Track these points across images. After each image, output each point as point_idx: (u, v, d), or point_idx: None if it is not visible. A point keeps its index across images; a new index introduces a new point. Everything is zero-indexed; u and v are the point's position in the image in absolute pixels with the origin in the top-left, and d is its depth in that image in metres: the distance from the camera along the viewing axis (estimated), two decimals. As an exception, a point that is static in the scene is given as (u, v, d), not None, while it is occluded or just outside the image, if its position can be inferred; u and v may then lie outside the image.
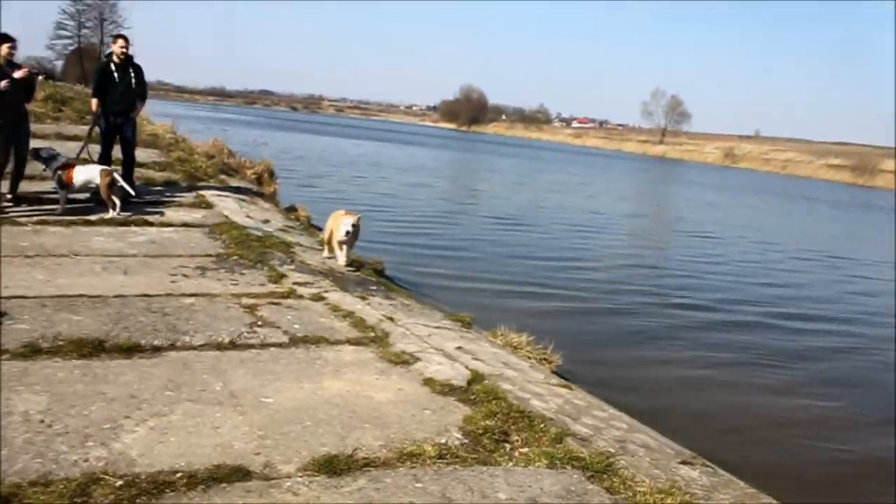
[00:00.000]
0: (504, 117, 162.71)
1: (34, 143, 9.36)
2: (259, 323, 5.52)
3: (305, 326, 5.57)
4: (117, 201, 8.84)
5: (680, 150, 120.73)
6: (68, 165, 8.79)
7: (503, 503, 3.28)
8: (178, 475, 3.22)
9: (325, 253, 8.44)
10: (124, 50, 9.73)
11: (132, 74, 9.75)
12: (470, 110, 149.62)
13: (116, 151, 10.13)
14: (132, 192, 9.35)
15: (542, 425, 4.21)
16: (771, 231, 26.91)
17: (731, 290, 14.01)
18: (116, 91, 9.66)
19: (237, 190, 12.07)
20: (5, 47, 8.52)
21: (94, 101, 9.76)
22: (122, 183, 9.02)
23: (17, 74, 8.41)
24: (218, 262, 7.33)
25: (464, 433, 3.99)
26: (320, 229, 11.74)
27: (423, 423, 4.06)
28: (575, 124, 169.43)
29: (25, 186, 9.23)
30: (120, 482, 3.11)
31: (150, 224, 8.69)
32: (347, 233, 7.80)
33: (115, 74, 9.63)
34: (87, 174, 8.81)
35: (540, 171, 48.66)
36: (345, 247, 8.03)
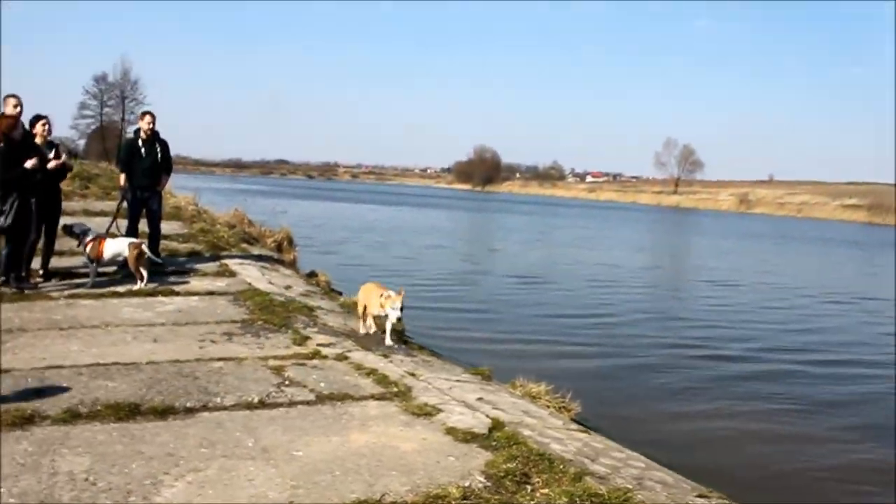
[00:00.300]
0: (518, 175, 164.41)
1: (63, 220, 9.78)
2: (286, 383, 5.74)
3: (331, 384, 5.78)
4: (145, 273, 9.17)
5: (694, 199, 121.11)
6: (98, 239, 9.16)
7: (526, 539, 3.44)
8: (218, 524, 3.41)
9: (363, 329, 8.10)
10: (151, 126, 10.20)
11: (158, 149, 10.20)
12: (484, 170, 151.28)
13: (142, 225, 10.52)
14: (160, 262, 9.70)
15: (561, 466, 4.36)
16: (791, 276, 26.86)
17: (754, 339, 13.98)
18: (143, 165, 10.09)
19: (258, 258, 12.40)
20: (39, 126, 9.01)
21: (122, 177, 10.20)
22: (149, 254, 9.38)
23: (51, 165, 8.84)
24: (244, 328, 7.58)
25: (486, 476, 4.15)
26: (341, 293, 12.04)
27: (447, 469, 4.22)
28: (589, 179, 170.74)
29: (56, 262, 9.62)
30: (164, 531, 3.30)
31: (177, 293, 8.99)
32: (399, 318, 7.55)
33: (142, 150, 10.09)
34: (117, 247, 9.17)
35: (556, 227, 48.97)
36: (390, 324, 7.69)
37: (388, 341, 7.62)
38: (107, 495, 3.69)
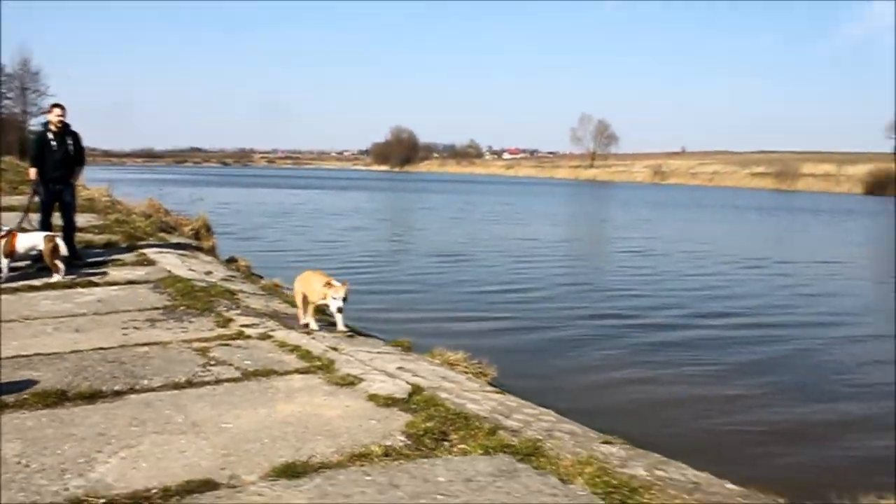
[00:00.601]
0: (436, 155, 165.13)
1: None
2: (212, 362, 5.91)
3: (256, 362, 5.98)
4: (61, 265, 9.09)
5: (610, 172, 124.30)
6: (10, 234, 9.03)
7: (443, 484, 3.77)
8: (154, 492, 3.62)
9: (304, 319, 7.52)
10: (61, 118, 10.05)
11: (70, 141, 10.06)
12: (401, 151, 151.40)
13: (55, 218, 10.38)
14: (76, 255, 9.62)
15: (476, 423, 4.72)
16: (706, 243, 28.03)
17: (672, 307, 14.48)
18: (55, 158, 9.95)
19: (177, 246, 12.37)
20: None
21: (33, 171, 10.03)
22: (64, 247, 9.29)
23: None
24: (166, 314, 7.67)
25: (407, 436, 4.47)
26: (262, 277, 12.14)
27: (369, 431, 4.52)
28: (506, 156, 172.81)
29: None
30: (102, 500, 3.49)
31: (96, 284, 8.97)
32: (340, 309, 7.16)
33: (53, 142, 9.94)
34: (30, 241, 9.07)
35: (475, 204, 49.58)
36: (340, 314, 7.27)
37: (341, 326, 7.33)
38: (42, 475, 3.83)
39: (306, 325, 7.43)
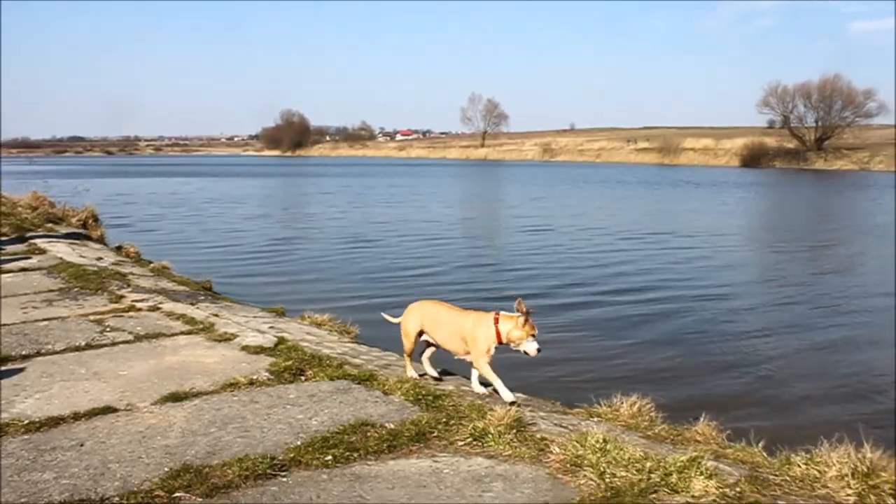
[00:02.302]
0: (328, 138, 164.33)
1: None
2: (108, 329, 6.94)
3: (146, 328, 7.04)
4: (-44, 256, 9.75)
5: (501, 150, 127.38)
6: None
7: (291, 398, 5.02)
8: (67, 416, 4.70)
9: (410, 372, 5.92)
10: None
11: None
12: (292, 135, 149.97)
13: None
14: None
15: (328, 362, 5.98)
16: (596, 218, 30.03)
17: (560, 275, 16.01)
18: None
19: (66, 235, 13.03)
20: None
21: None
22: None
23: None
24: (62, 294, 8.55)
25: (270, 372, 5.68)
26: (150, 262, 12.96)
27: (239, 370, 5.70)
28: (399, 137, 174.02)
29: None
30: (26, 422, 4.57)
31: (-9, 272, 9.68)
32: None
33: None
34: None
35: (370, 187, 50.64)
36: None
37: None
38: (-29, 413, 4.84)
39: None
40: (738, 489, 3.96)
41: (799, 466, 4.45)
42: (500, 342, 5.24)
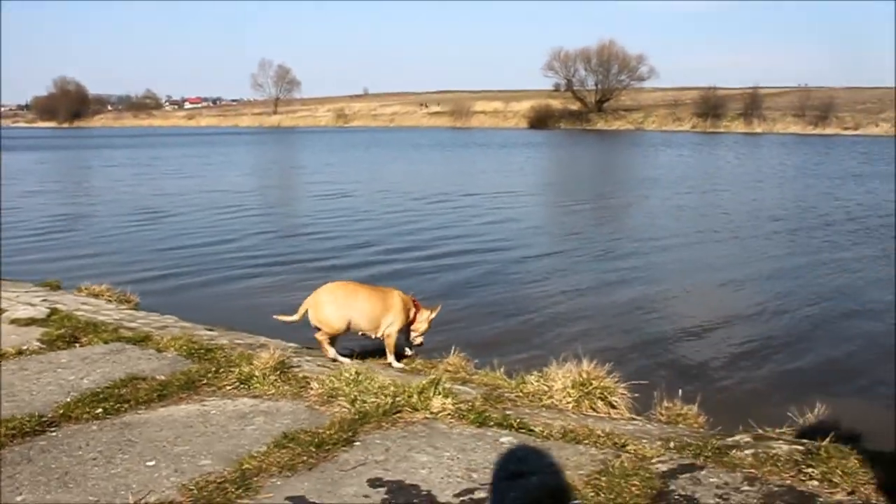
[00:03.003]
0: (109, 108, 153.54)
1: None
2: None
3: None
4: None
5: (294, 117, 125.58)
6: None
7: (63, 363, 5.18)
8: None
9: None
10: None
11: None
12: (69, 104, 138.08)
13: None
14: None
15: (103, 328, 6.13)
16: (394, 181, 30.51)
17: (369, 244, 16.18)
18: None
19: None
20: None
21: None
22: None
23: None
24: None
25: (41, 341, 5.76)
26: None
27: (9, 342, 5.73)
28: (187, 105, 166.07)
29: None
30: None
31: None
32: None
33: None
34: None
35: (160, 158, 48.29)
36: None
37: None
38: None
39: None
40: (473, 404, 4.70)
41: (532, 384, 5.31)
42: None
